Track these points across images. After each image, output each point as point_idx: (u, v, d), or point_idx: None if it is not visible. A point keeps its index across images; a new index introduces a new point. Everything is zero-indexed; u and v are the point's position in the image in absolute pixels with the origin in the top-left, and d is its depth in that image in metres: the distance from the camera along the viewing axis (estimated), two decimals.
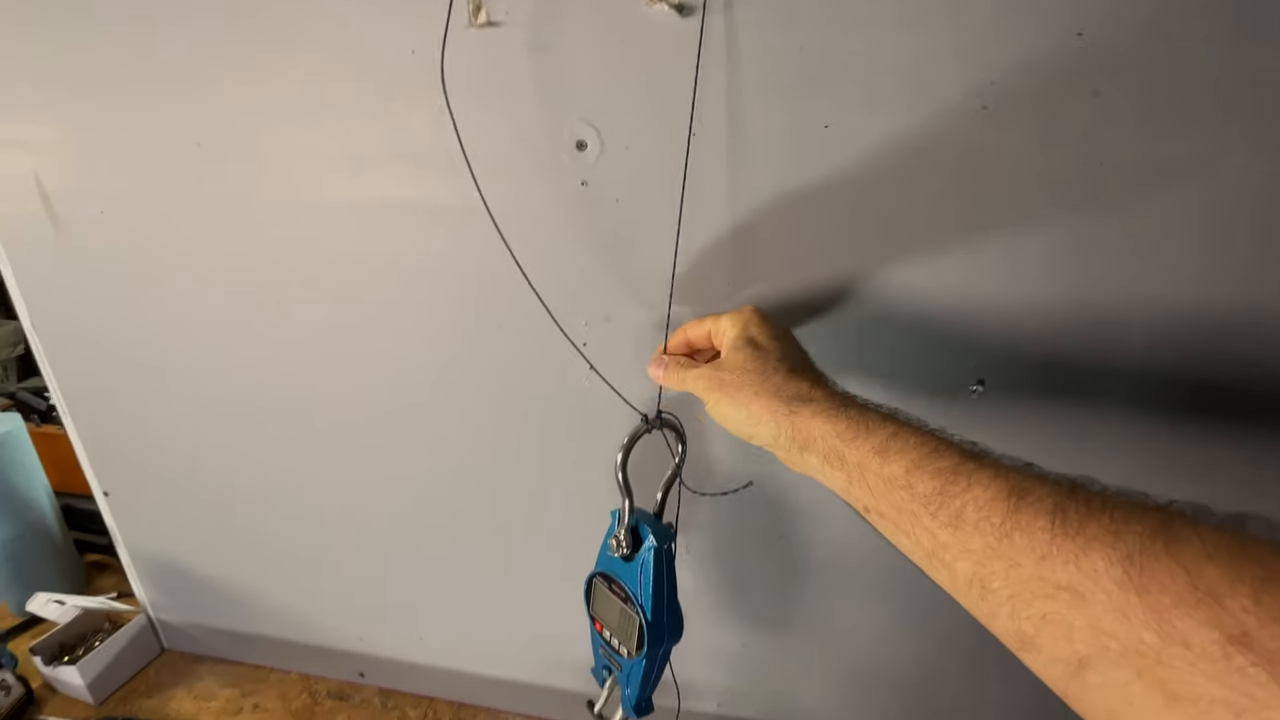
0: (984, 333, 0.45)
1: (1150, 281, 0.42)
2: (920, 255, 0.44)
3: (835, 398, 0.36)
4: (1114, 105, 0.38)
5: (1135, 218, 0.41)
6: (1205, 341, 0.43)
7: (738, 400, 0.38)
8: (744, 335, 0.42)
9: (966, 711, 0.63)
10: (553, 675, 0.71)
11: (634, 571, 0.45)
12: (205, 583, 0.76)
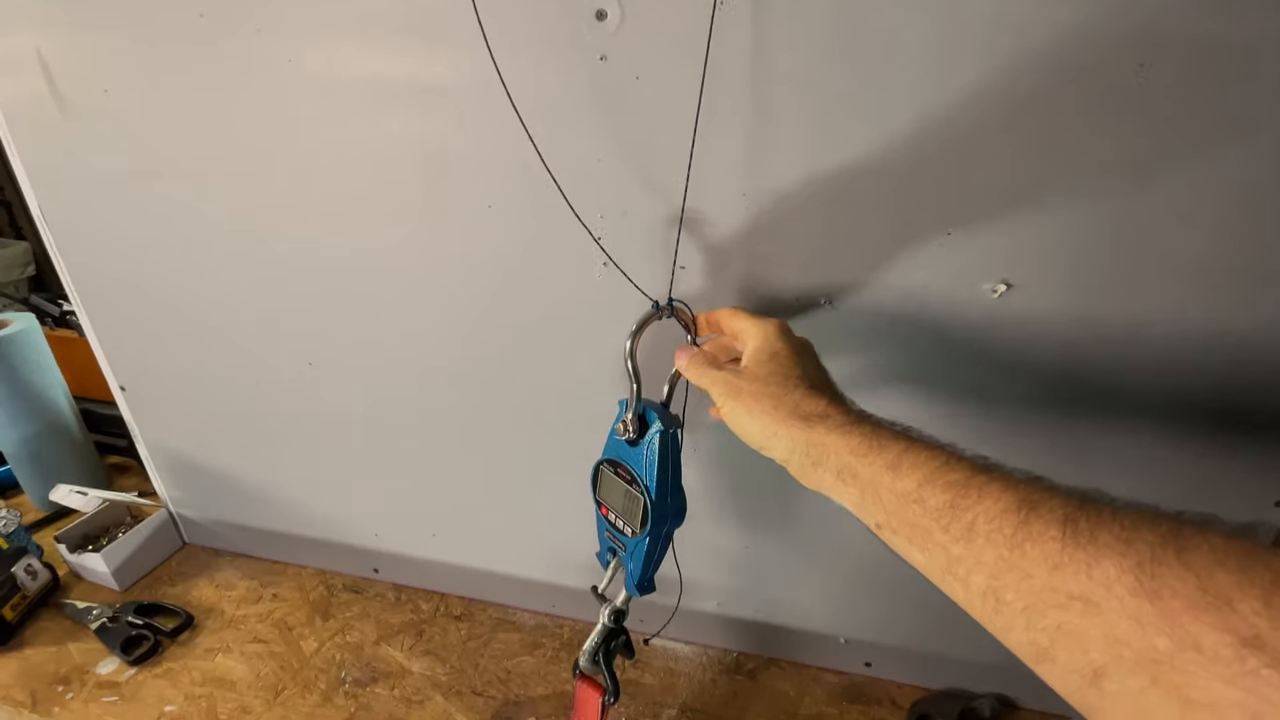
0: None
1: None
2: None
3: (850, 415, 0.37)
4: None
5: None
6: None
7: (755, 412, 0.39)
8: (767, 347, 0.42)
9: (961, 615, 0.65)
10: (558, 573, 0.74)
11: (639, 455, 0.46)
12: (223, 479, 0.79)
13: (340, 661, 0.70)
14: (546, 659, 0.72)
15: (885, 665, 0.70)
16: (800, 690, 0.69)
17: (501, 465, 0.68)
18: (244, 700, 0.66)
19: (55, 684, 0.67)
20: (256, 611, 0.77)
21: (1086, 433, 0.51)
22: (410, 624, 0.75)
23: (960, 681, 0.68)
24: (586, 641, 0.53)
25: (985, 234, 0.45)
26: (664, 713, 0.66)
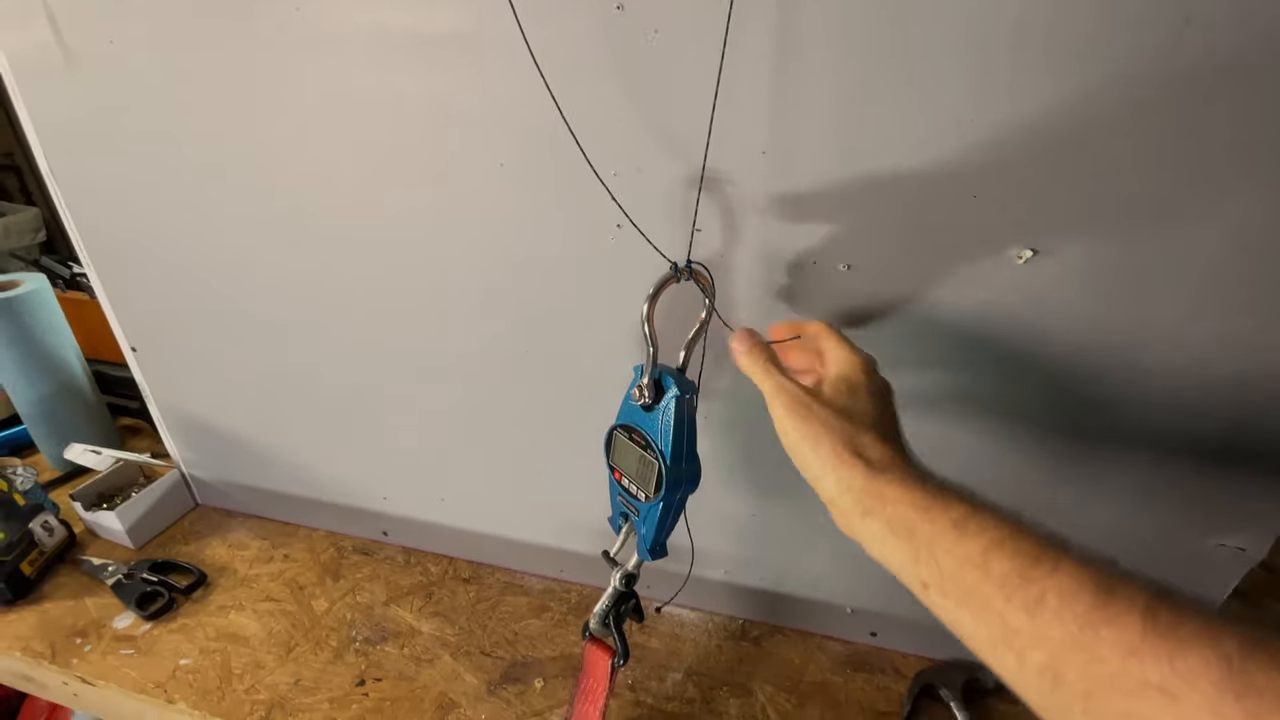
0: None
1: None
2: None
3: (916, 469, 0.36)
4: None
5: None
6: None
7: (819, 440, 0.37)
8: (852, 377, 0.40)
9: None
10: (566, 538, 0.74)
11: (655, 420, 0.45)
12: (234, 441, 0.79)
13: (351, 621, 0.71)
14: (554, 622, 0.72)
15: (890, 635, 0.70)
16: (805, 658, 0.70)
17: (511, 430, 0.68)
18: (257, 656, 0.67)
19: (73, 636, 0.68)
20: (268, 571, 0.78)
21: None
22: (419, 586, 0.76)
23: (965, 652, 0.68)
24: (597, 604, 0.53)
25: (1018, 199, 0.43)
26: (669, 676, 0.67)
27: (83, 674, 0.65)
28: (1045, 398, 0.51)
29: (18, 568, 0.71)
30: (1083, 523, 0.56)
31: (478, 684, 0.65)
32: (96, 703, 0.67)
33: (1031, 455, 0.54)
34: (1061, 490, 0.55)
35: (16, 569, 0.71)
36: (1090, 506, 0.55)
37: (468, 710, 0.62)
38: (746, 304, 0.52)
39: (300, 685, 0.64)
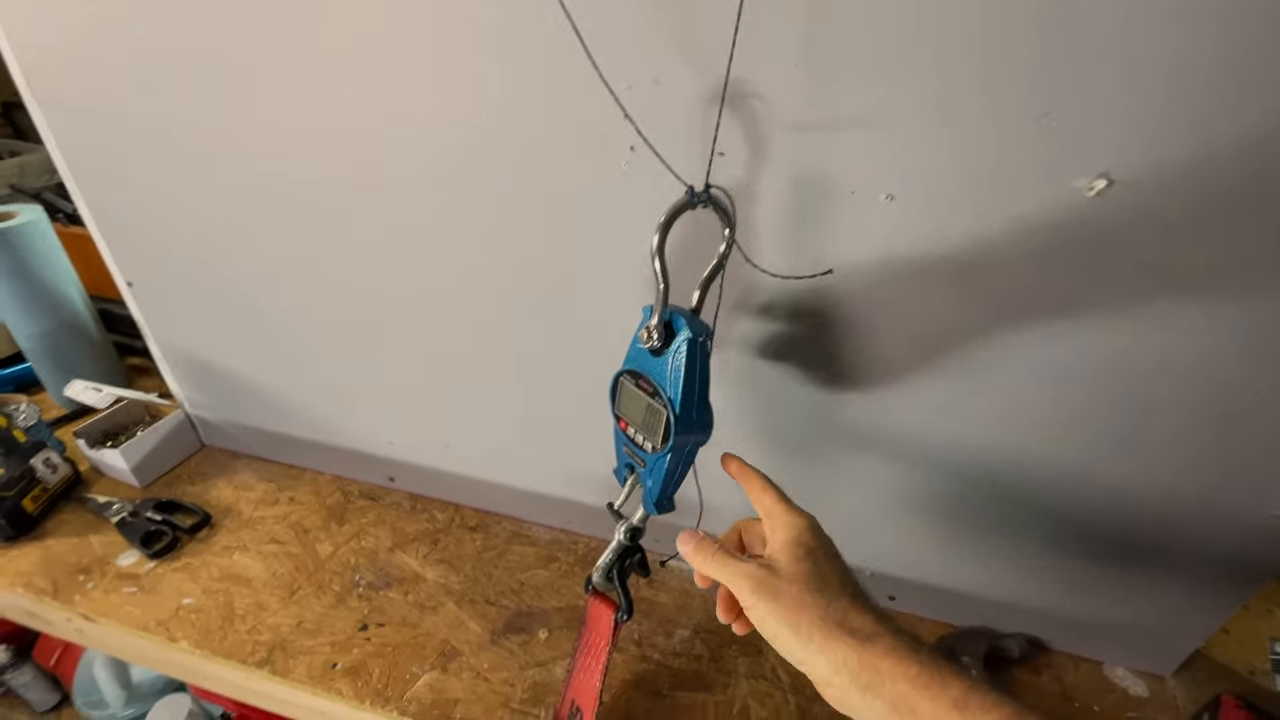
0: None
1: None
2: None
3: (904, 636, 0.34)
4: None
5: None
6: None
7: (800, 622, 0.34)
8: (802, 541, 0.38)
9: (991, 554, 0.61)
10: (573, 489, 0.72)
11: (664, 365, 0.41)
12: (238, 382, 0.77)
13: (355, 565, 0.70)
14: (560, 573, 0.71)
15: (910, 601, 0.67)
16: None
17: (515, 375, 0.65)
18: (260, 597, 0.66)
19: (76, 573, 0.68)
20: (273, 514, 0.76)
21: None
22: (425, 533, 0.75)
23: (987, 620, 0.65)
24: (600, 558, 0.50)
25: (1087, 124, 0.37)
26: (677, 632, 0.65)
27: (85, 611, 0.64)
28: (1106, 349, 0.46)
29: (19, 504, 0.71)
30: (1129, 495, 0.52)
31: (481, 632, 0.64)
32: (99, 640, 0.67)
33: (1079, 420, 0.50)
34: (1107, 462, 0.51)
35: (18, 505, 0.71)
36: (1139, 475, 0.51)
37: (470, 658, 0.61)
38: (772, 241, 0.47)
39: (302, 628, 0.63)
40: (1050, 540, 0.57)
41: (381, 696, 0.58)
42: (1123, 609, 0.60)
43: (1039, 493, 0.55)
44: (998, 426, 0.52)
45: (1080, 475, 0.52)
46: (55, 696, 1.07)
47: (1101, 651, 0.64)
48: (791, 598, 0.35)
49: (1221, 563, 0.54)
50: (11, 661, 0.99)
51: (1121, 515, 0.54)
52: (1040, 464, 0.53)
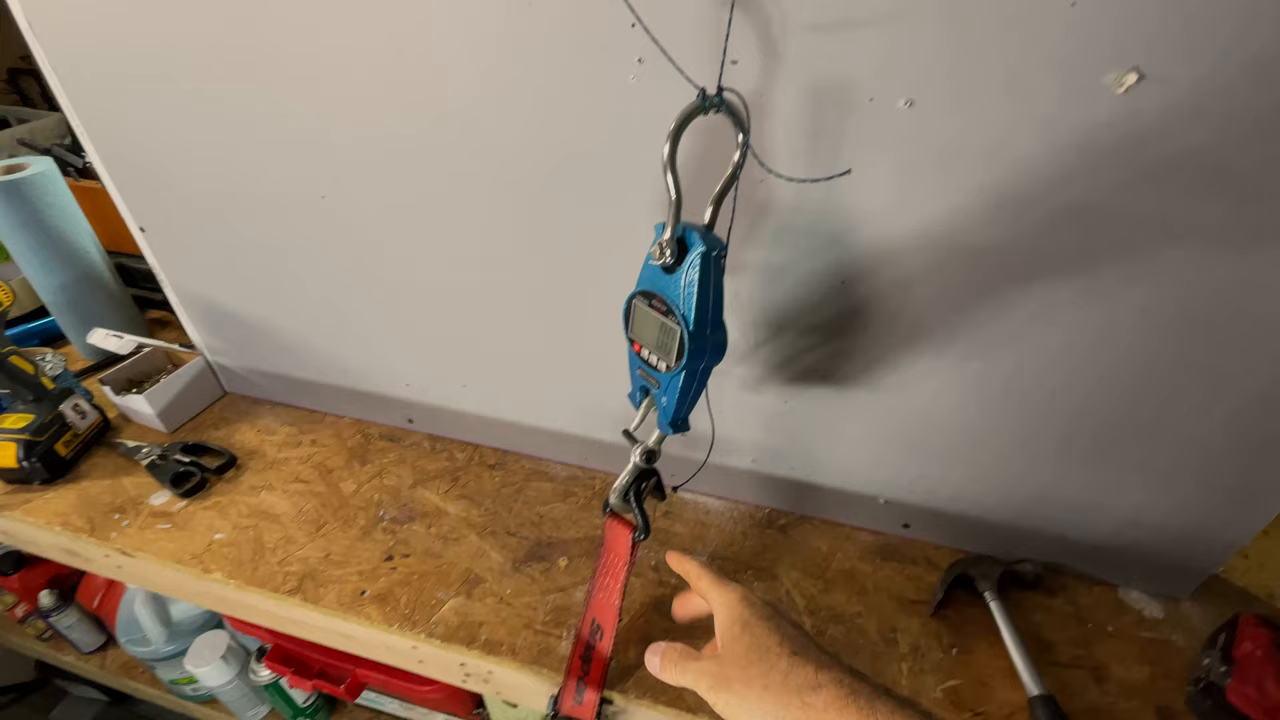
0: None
1: None
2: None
3: (843, 683, 0.35)
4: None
5: None
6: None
7: (747, 699, 0.37)
8: (736, 618, 0.40)
9: (1007, 488, 0.61)
10: (589, 426, 0.72)
11: (677, 283, 0.41)
12: (256, 328, 0.78)
13: (378, 502, 0.72)
14: (578, 506, 0.72)
15: (924, 528, 0.68)
16: (833, 546, 0.68)
17: (529, 313, 0.65)
18: (288, 532, 0.68)
19: (111, 512, 0.70)
20: (297, 455, 0.78)
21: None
22: (445, 471, 0.76)
23: (1001, 547, 0.66)
24: (617, 481, 0.51)
25: (1117, 12, 0.36)
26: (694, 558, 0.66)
27: (122, 546, 0.67)
28: (1139, 254, 0.44)
29: (52, 448, 0.73)
30: (1154, 413, 0.51)
31: (503, 561, 0.65)
32: (137, 574, 0.69)
33: (1105, 339, 0.49)
34: (1130, 380, 0.50)
35: (50, 449, 0.73)
36: (1166, 393, 0.50)
37: (493, 585, 0.63)
38: (786, 152, 0.46)
39: (330, 559, 0.65)
40: (1068, 460, 0.57)
41: (409, 620, 0.60)
42: (1139, 531, 0.60)
43: (1059, 412, 0.54)
44: (1018, 348, 0.52)
45: (1104, 393, 0.52)
46: (100, 638, 1.12)
47: (1117, 575, 0.65)
48: (739, 682, 0.37)
49: (1242, 481, 0.54)
50: (57, 605, 1.04)
51: (1144, 432, 0.53)
52: (1065, 381, 0.52)
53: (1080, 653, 0.59)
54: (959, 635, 0.60)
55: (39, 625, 1.13)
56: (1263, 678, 0.50)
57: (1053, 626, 0.61)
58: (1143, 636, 0.60)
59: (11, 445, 0.70)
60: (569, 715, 0.55)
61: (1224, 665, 0.53)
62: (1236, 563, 0.67)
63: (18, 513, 0.70)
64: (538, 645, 0.58)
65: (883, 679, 0.56)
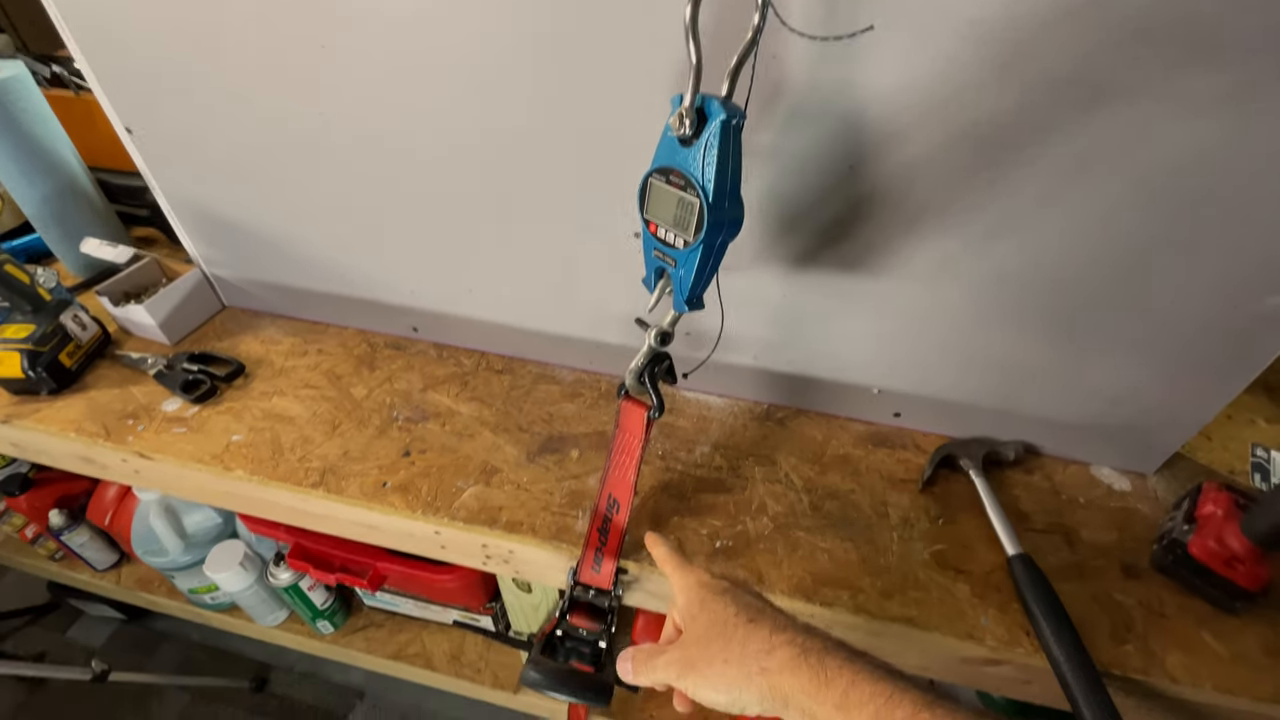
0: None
1: None
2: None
3: (795, 642, 0.36)
4: None
5: None
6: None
7: (711, 676, 0.37)
8: (694, 599, 0.41)
9: (997, 372, 0.65)
10: (596, 329, 0.74)
11: (696, 154, 0.42)
12: (254, 235, 0.77)
13: (391, 404, 0.74)
14: (587, 405, 0.75)
15: (914, 416, 0.72)
16: (828, 435, 0.72)
17: (535, 216, 0.65)
18: (304, 433, 0.70)
19: (124, 418, 0.71)
20: (304, 363, 0.79)
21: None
22: (454, 375, 0.78)
23: (986, 431, 0.70)
24: (631, 363, 0.53)
25: None
26: (697, 448, 0.70)
27: (140, 449, 0.68)
28: (1136, 128, 0.46)
29: (56, 358, 0.73)
30: (1127, 284, 0.54)
31: (518, 454, 0.68)
32: (157, 478, 0.71)
33: (1093, 211, 0.51)
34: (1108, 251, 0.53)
35: (55, 359, 0.72)
36: (1141, 264, 0.53)
37: (510, 474, 0.66)
38: (803, 18, 0.45)
39: (349, 456, 0.67)
40: (1057, 341, 0.60)
41: (431, 507, 0.63)
42: (1115, 409, 0.64)
43: (1051, 295, 0.57)
44: (1017, 232, 0.54)
45: (1095, 273, 0.55)
46: (113, 556, 1.15)
47: (1089, 454, 0.70)
48: (702, 661, 0.38)
49: (1213, 358, 0.58)
50: (67, 523, 1.05)
51: (1129, 311, 0.56)
52: (1059, 263, 0.55)
53: (1054, 520, 0.64)
54: (945, 508, 0.65)
55: (50, 546, 1.15)
56: (1223, 532, 0.55)
57: (1030, 500, 0.66)
58: (1112, 506, 0.66)
59: (15, 355, 0.70)
60: (587, 584, 0.59)
61: (1187, 524, 0.58)
62: (1200, 443, 0.73)
63: (29, 421, 0.71)
64: (555, 524, 0.61)
65: (874, 547, 0.61)
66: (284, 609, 1.05)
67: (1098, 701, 0.48)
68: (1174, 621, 0.56)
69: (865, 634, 0.57)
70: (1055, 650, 0.51)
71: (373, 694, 1.29)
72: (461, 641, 1.04)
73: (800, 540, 0.61)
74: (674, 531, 0.62)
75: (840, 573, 0.59)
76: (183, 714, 1.26)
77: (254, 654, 1.34)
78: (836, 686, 0.34)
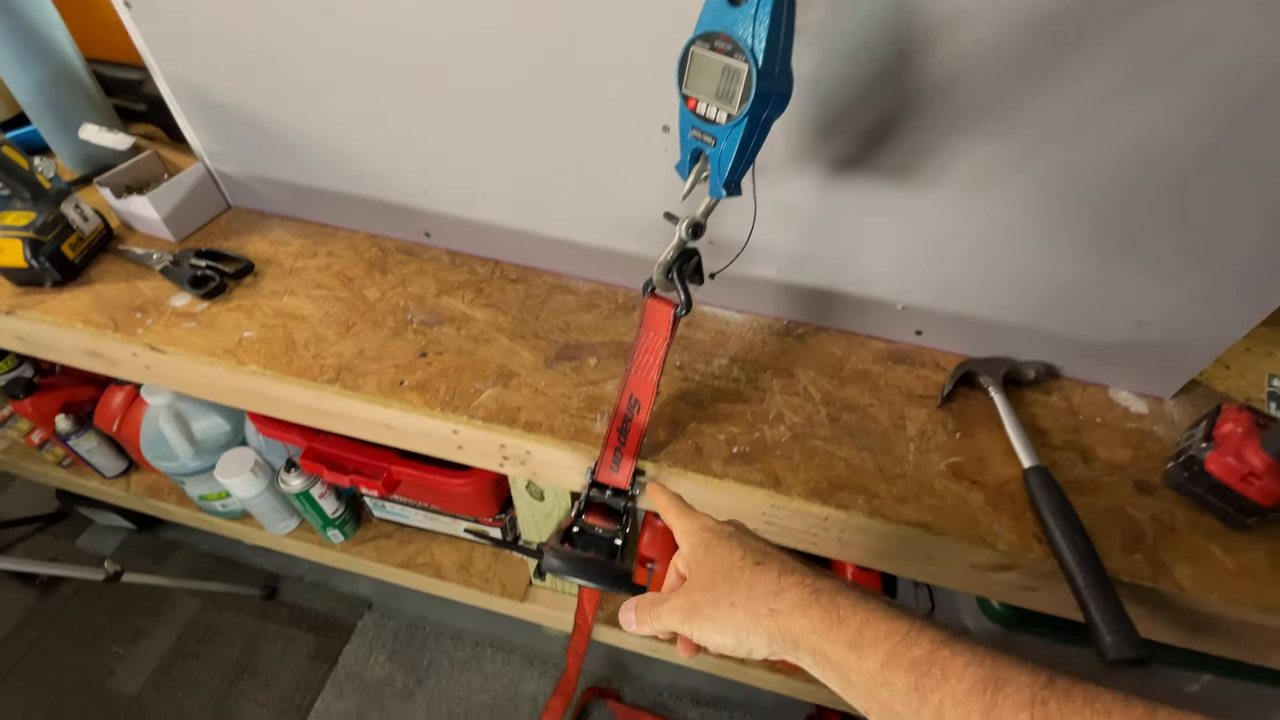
0: None
1: None
2: None
3: (805, 584, 0.35)
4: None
5: None
6: None
7: (718, 620, 0.36)
8: (699, 544, 0.40)
9: (1026, 288, 0.63)
10: (615, 238, 0.72)
11: (746, 14, 0.39)
12: (261, 128, 0.73)
13: (405, 307, 0.72)
14: (604, 316, 0.73)
15: (935, 334, 0.71)
16: (848, 352, 0.71)
17: (555, 110, 0.62)
18: (317, 331, 0.69)
19: (133, 312, 0.70)
20: (314, 264, 0.77)
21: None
22: (468, 282, 0.76)
23: (1008, 351, 0.69)
24: (660, 257, 0.52)
25: None
26: (715, 360, 0.69)
27: (150, 342, 0.67)
28: (1201, 19, 0.44)
29: (59, 249, 0.70)
30: (1161, 201, 0.52)
31: (535, 359, 0.67)
32: (168, 373, 0.70)
33: (1141, 120, 0.49)
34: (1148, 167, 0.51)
35: (58, 250, 0.70)
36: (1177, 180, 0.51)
37: (528, 379, 0.65)
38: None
39: (364, 355, 0.67)
40: (1092, 256, 0.59)
41: (450, 405, 0.62)
42: (1140, 330, 0.63)
43: (1092, 208, 0.56)
44: (1065, 139, 0.52)
45: (1140, 186, 0.53)
46: (121, 463, 1.15)
47: (1109, 377, 0.69)
48: (708, 605, 0.37)
49: (1245, 277, 0.57)
50: (75, 428, 1.05)
51: (1170, 226, 0.55)
52: (1105, 175, 0.53)
53: (1071, 438, 0.64)
54: (962, 422, 0.65)
55: (57, 452, 1.15)
56: (1242, 448, 0.55)
57: (1047, 418, 0.66)
58: (1128, 428, 0.66)
59: (17, 243, 0.68)
60: (604, 484, 0.59)
61: (1205, 442, 0.58)
62: (1217, 371, 0.72)
63: (34, 313, 0.69)
64: (574, 426, 0.61)
65: (891, 457, 0.61)
66: (294, 517, 1.06)
67: (1107, 604, 0.49)
68: (1183, 535, 0.57)
69: (878, 537, 0.57)
70: (1067, 554, 0.52)
71: (380, 604, 1.33)
72: (470, 553, 1.06)
73: (817, 448, 0.61)
74: (691, 437, 0.61)
75: (856, 479, 0.59)
76: (194, 620, 1.30)
77: (263, 564, 1.37)
78: (850, 625, 0.33)
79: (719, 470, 0.59)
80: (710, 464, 0.59)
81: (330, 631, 1.28)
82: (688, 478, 0.59)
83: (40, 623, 1.29)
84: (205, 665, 1.23)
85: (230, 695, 1.20)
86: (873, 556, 0.61)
